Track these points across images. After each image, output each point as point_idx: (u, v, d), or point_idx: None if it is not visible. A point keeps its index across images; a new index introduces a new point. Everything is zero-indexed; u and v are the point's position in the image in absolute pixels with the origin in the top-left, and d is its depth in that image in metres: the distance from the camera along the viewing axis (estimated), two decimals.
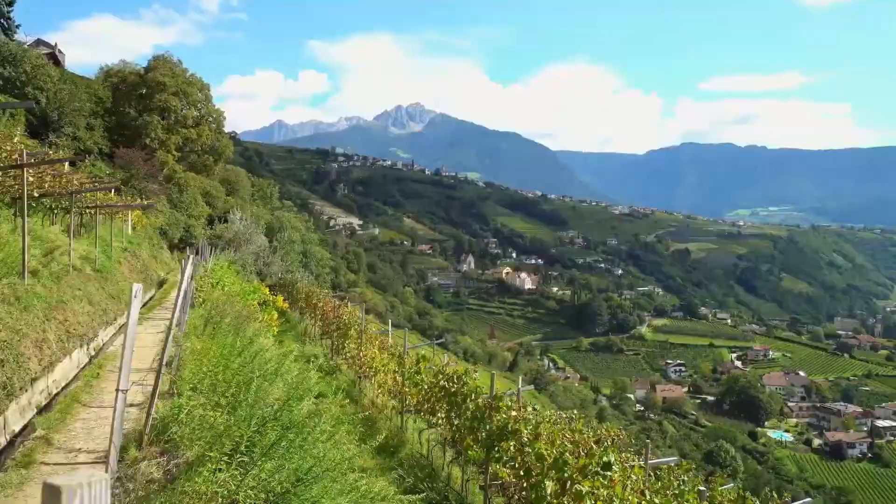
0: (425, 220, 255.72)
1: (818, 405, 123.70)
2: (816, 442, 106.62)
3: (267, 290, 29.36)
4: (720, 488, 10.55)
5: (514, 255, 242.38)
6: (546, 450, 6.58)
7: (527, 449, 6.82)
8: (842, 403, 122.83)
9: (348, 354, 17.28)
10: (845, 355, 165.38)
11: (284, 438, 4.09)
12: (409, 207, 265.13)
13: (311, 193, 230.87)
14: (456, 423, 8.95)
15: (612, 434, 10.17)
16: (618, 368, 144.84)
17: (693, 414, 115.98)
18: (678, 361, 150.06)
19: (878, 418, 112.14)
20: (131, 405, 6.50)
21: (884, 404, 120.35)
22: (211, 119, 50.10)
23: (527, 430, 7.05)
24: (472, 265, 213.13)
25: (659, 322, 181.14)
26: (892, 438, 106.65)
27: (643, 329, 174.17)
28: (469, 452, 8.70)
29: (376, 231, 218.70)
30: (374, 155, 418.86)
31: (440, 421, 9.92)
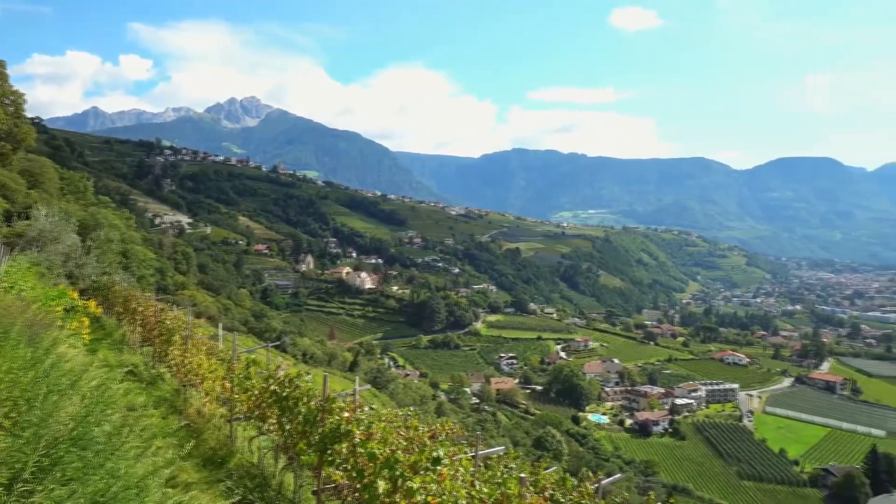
0: (261, 219, 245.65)
1: (629, 389, 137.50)
2: (628, 422, 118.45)
3: (76, 294, 26.34)
4: (543, 472, 11.24)
5: (354, 254, 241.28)
6: (378, 449, 6.57)
7: (359, 449, 6.75)
8: (648, 386, 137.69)
9: (172, 362, 16.03)
10: (651, 343, 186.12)
11: (80, 459, 3.63)
12: (243, 205, 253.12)
13: (132, 188, 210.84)
14: (287, 427, 8.64)
15: (447, 428, 10.45)
16: (455, 364, 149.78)
17: (524, 403, 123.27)
18: (510, 355, 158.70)
19: (677, 397, 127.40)
20: None
21: (681, 384, 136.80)
22: (7, 101, 43.80)
23: (359, 430, 6.99)
24: (311, 265, 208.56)
25: (493, 318, 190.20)
26: (687, 414, 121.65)
27: (478, 325, 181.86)
28: (302, 457, 8.45)
29: (208, 230, 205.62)
30: (204, 149, 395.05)
31: (272, 427, 9.53)
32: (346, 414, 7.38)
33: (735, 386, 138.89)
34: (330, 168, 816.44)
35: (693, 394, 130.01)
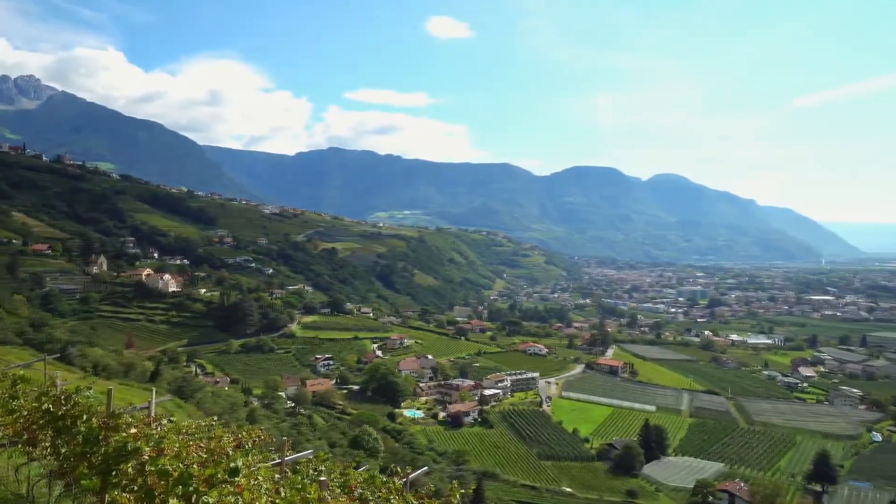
0: (42, 216, 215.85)
1: (442, 383, 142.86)
2: (441, 415, 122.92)
3: None
4: (353, 472, 11.35)
5: (156, 255, 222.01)
6: (172, 465, 6.17)
7: (149, 468, 6.29)
8: (460, 379, 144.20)
9: None
10: (462, 338, 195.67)
11: None
12: (19, 199, 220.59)
13: None
14: (64, 450, 7.74)
15: (254, 436, 10.08)
16: (269, 368, 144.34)
17: (341, 404, 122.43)
18: (327, 356, 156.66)
19: (486, 388, 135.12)
20: None
21: (489, 376, 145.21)
22: None
23: (149, 446, 6.50)
24: (105, 267, 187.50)
25: (308, 319, 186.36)
26: (495, 404, 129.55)
27: (293, 327, 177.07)
28: (82, 482, 7.63)
29: None
30: None
31: (45, 451, 8.47)
32: (134, 430, 6.82)
33: (536, 374, 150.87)
34: (127, 160, 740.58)
35: (500, 384, 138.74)
